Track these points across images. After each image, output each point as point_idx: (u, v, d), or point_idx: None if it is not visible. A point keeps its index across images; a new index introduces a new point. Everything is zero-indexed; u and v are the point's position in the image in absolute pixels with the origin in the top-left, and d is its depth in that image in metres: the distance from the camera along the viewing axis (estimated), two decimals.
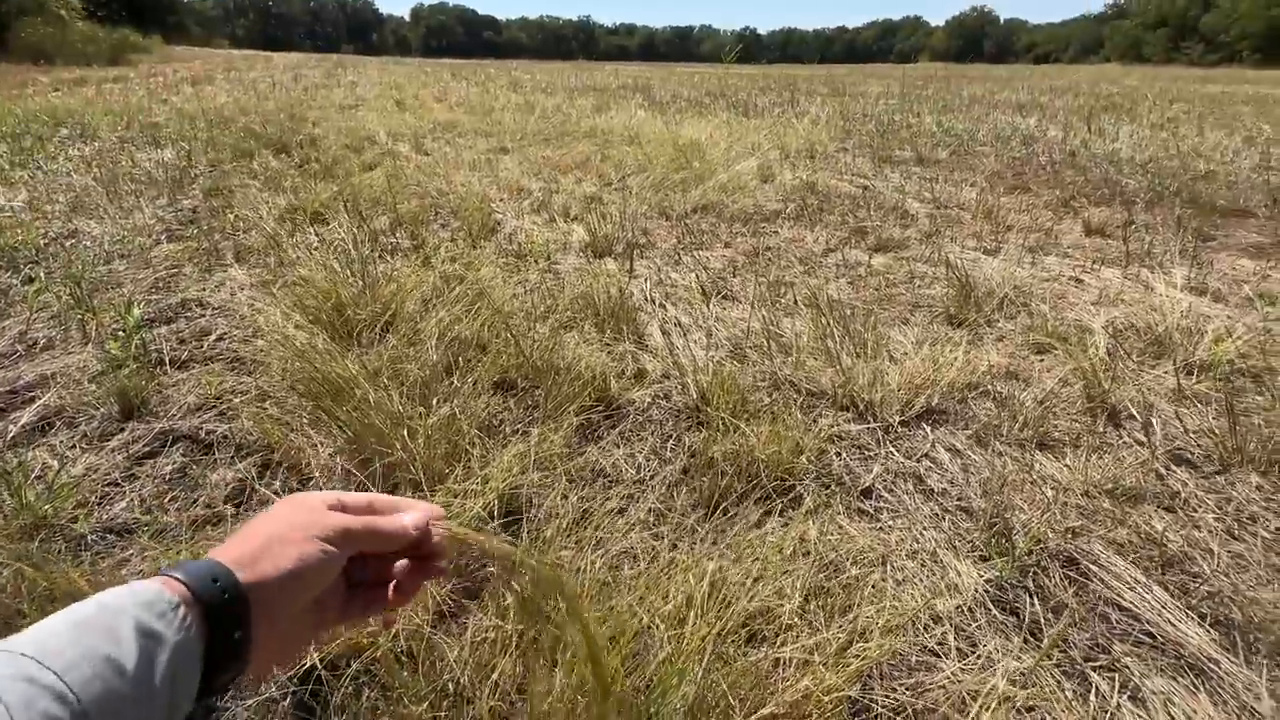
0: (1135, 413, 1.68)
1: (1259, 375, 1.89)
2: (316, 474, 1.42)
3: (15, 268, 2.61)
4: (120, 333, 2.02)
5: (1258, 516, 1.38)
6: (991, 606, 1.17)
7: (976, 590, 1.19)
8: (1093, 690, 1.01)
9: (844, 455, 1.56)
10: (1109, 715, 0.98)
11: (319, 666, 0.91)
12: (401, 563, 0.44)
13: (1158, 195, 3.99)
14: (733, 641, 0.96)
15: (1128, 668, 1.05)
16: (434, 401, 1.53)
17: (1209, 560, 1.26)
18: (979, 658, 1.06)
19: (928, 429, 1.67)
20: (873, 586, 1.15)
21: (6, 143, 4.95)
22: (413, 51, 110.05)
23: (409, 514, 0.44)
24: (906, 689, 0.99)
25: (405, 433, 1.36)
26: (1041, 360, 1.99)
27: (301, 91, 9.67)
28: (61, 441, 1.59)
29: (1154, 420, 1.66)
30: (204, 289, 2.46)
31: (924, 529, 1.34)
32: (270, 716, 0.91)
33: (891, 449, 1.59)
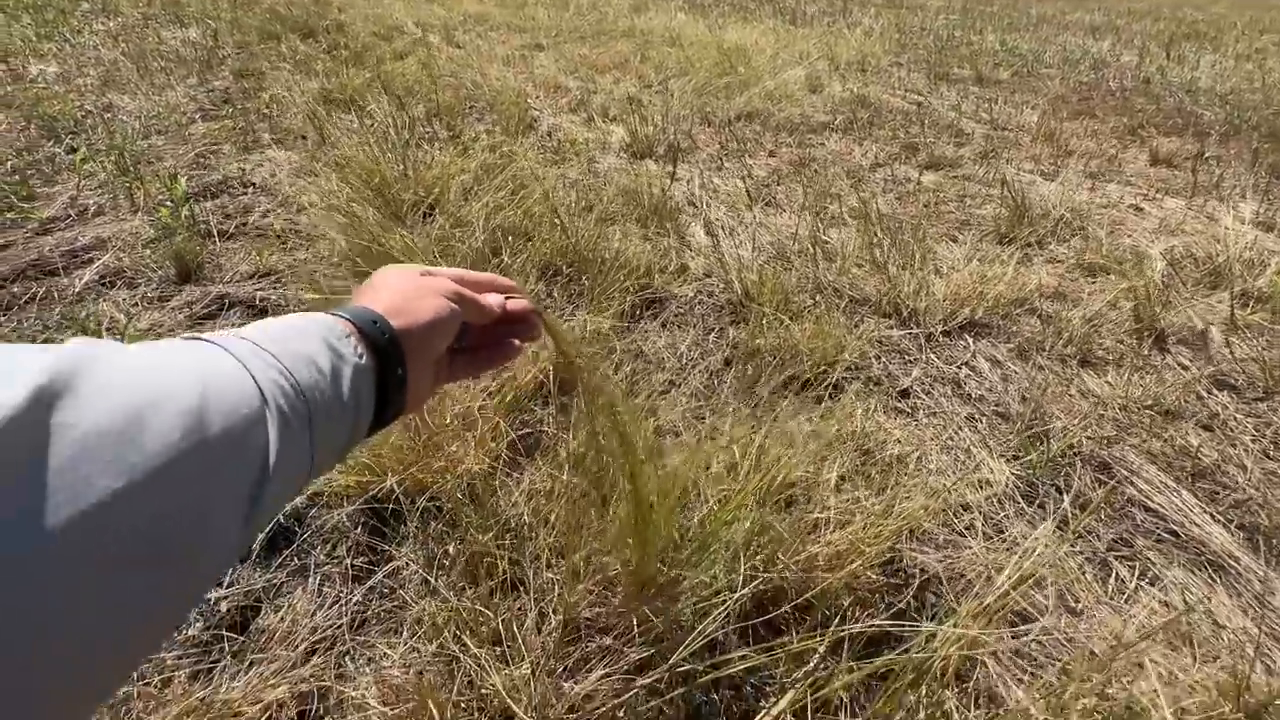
0: (1191, 327, 1.66)
1: None
2: None
3: (57, 137, 2.61)
4: (168, 203, 2.04)
5: None
6: (1021, 500, 1.21)
7: (1007, 484, 1.22)
8: (1113, 575, 1.07)
9: (884, 358, 1.57)
10: (1125, 597, 1.03)
11: (395, 489, 0.99)
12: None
13: (1234, 128, 3.72)
14: (774, 505, 1.01)
15: (1149, 559, 1.10)
16: None
17: (1241, 474, 1.28)
18: (1005, 541, 1.11)
19: (969, 339, 1.66)
20: (906, 474, 1.20)
21: (30, 14, 4.81)
22: None
23: (494, 296, 0.46)
24: (936, 561, 1.04)
25: None
26: (1093, 282, 1.94)
27: None
28: (124, 299, 1.65)
29: (1209, 337, 1.64)
30: (245, 168, 2.45)
31: (959, 429, 1.37)
32: (345, 539, 1.00)
33: (932, 355, 1.59)
